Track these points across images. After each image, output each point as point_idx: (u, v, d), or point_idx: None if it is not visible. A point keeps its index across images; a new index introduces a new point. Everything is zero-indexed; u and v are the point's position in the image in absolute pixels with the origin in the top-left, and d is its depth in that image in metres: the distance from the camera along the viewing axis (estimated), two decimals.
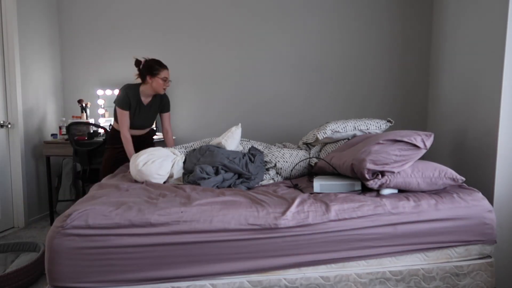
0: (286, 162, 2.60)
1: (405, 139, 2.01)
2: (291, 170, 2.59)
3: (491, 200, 2.14)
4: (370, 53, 3.51)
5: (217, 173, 2.34)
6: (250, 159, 2.50)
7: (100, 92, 3.85)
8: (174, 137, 3.77)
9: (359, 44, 3.52)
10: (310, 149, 2.89)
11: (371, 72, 3.53)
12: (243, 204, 1.70)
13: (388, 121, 2.73)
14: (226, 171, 2.36)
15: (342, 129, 2.63)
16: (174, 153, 2.57)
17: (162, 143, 3.53)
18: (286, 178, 2.62)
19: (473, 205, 1.95)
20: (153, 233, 1.54)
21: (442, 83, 2.93)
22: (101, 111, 3.84)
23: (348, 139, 2.71)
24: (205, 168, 2.32)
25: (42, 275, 2.48)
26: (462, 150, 2.48)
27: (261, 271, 1.61)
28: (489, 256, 1.99)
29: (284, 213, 1.66)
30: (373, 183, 1.94)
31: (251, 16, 3.62)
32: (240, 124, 2.79)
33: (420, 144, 2.01)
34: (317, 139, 2.76)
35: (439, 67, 3.02)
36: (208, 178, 2.27)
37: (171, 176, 2.42)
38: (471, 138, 2.34)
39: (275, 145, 2.99)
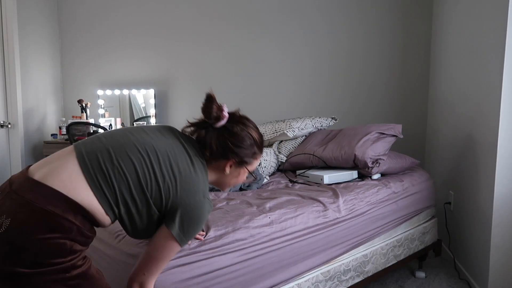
0: (266, 160, 2.43)
1: (391, 132, 2.18)
2: (279, 167, 2.48)
3: (491, 200, 1.86)
4: (369, 55, 3.17)
5: None
6: None
7: (100, 92, 3.38)
8: None
9: (358, 45, 3.18)
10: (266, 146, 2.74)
11: (370, 74, 3.19)
12: (304, 202, 1.59)
13: (333, 118, 2.82)
14: None
15: (304, 126, 2.60)
16: None
17: None
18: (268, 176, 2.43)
19: (426, 179, 2.29)
20: (253, 245, 1.29)
21: (442, 84, 2.71)
22: (101, 111, 3.38)
23: (306, 136, 2.68)
24: None
25: None
26: (462, 150, 2.33)
27: (328, 262, 1.55)
28: (433, 217, 2.34)
29: (339, 205, 1.62)
30: (374, 170, 2.05)
31: (251, 18, 3.25)
32: None
33: (398, 134, 2.22)
34: (280, 135, 2.60)
35: (439, 68, 2.79)
36: None
37: None
38: (471, 138, 2.19)
39: None
